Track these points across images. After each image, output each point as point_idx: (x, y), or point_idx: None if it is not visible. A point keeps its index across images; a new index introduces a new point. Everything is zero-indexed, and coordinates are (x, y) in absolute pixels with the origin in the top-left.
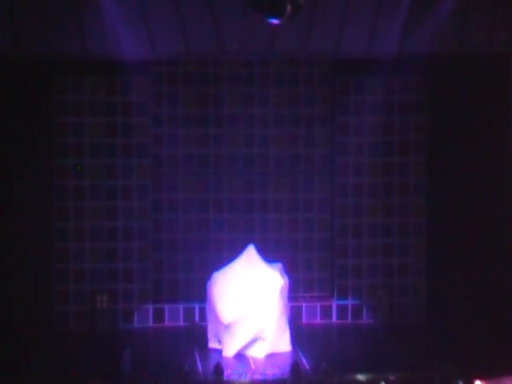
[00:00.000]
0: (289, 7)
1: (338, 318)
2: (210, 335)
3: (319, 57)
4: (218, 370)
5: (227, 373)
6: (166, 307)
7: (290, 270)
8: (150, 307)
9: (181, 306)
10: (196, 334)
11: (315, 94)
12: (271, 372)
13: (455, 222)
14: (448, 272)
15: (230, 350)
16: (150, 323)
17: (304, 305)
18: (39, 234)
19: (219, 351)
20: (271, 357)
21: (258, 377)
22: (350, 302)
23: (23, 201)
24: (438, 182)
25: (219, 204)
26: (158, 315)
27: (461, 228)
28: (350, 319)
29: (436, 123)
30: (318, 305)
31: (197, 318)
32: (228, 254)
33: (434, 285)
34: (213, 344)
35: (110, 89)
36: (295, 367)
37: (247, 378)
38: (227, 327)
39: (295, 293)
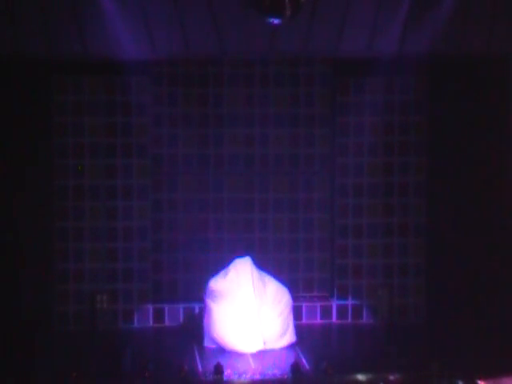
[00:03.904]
0: (289, 7)
1: (338, 317)
2: (207, 335)
3: (319, 57)
4: (218, 369)
5: (227, 373)
6: (166, 307)
7: (289, 270)
8: (150, 307)
9: (181, 306)
10: (195, 332)
11: (315, 94)
12: (271, 372)
13: (455, 222)
14: (448, 272)
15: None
16: (150, 323)
17: (304, 305)
18: (39, 233)
19: (219, 351)
20: (271, 356)
21: (257, 377)
22: (350, 302)
23: (23, 201)
24: (437, 182)
25: (219, 204)
26: (158, 315)
27: (461, 228)
28: (350, 319)
29: (436, 123)
30: (318, 305)
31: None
32: (228, 254)
33: (434, 285)
34: (208, 343)
35: (109, 89)
36: (295, 367)
37: (247, 377)
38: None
39: (295, 293)
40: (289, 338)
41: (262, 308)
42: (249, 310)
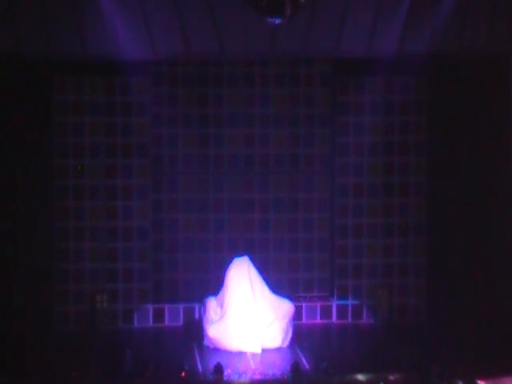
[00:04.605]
0: (288, 7)
1: (337, 317)
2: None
3: (319, 57)
4: (218, 369)
5: (227, 372)
6: (166, 307)
7: (289, 270)
8: (150, 307)
9: (181, 306)
10: (194, 331)
11: (315, 94)
12: (271, 372)
13: (455, 222)
14: (448, 272)
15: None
16: (150, 323)
17: (304, 305)
18: (39, 233)
19: (219, 350)
20: (271, 356)
21: (258, 377)
22: (350, 302)
23: (23, 200)
24: (438, 182)
25: (219, 204)
26: (158, 315)
27: (461, 228)
28: (350, 319)
29: (436, 123)
30: (318, 305)
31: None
32: (228, 254)
33: (434, 285)
34: (209, 343)
35: (109, 89)
36: (295, 367)
37: (247, 377)
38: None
39: (295, 293)
40: (284, 341)
41: (260, 306)
42: (246, 308)
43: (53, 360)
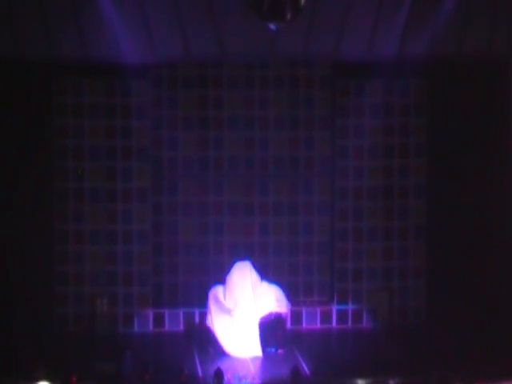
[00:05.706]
0: (289, 12)
1: (338, 322)
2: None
3: (319, 59)
4: (219, 374)
5: (227, 377)
6: (166, 312)
7: (289, 274)
8: (150, 312)
9: (181, 311)
10: (196, 337)
11: (315, 97)
12: (271, 376)
13: (455, 224)
14: (448, 275)
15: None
16: (150, 328)
17: (304, 309)
18: (39, 236)
19: (220, 355)
20: (271, 361)
21: (257, 381)
22: (350, 307)
23: (23, 203)
24: (438, 185)
25: (219, 207)
26: (159, 320)
27: (461, 231)
28: (350, 324)
29: (436, 126)
30: (318, 309)
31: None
32: (228, 257)
33: (434, 288)
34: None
35: (109, 91)
36: (295, 371)
37: (247, 382)
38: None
39: (295, 297)
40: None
41: (260, 311)
42: (248, 313)
43: (52, 363)
